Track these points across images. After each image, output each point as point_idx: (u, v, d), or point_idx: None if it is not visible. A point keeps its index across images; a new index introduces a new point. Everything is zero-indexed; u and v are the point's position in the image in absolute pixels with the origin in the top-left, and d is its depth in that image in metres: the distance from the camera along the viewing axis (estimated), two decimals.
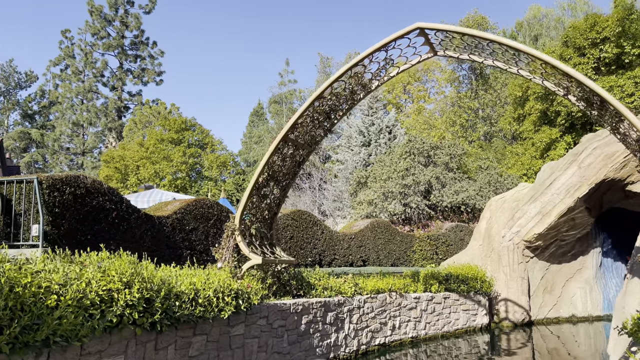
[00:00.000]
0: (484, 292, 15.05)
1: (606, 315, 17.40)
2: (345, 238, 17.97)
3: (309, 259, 16.41)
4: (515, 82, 31.24)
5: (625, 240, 18.25)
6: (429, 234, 21.13)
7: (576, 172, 15.49)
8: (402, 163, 24.17)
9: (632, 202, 15.61)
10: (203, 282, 6.80)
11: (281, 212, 16.53)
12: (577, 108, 23.02)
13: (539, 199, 16.19)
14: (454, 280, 14.41)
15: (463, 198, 23.19)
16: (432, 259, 20.79)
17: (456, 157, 25.53)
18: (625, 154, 14.57)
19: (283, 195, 10.01)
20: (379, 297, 11.86)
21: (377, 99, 44.29)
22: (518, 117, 31.11)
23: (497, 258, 16.56)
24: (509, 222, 16.74)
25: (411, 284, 13.13)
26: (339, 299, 10.55)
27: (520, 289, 15.98)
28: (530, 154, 25.95)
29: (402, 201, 23.41)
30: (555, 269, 17.31)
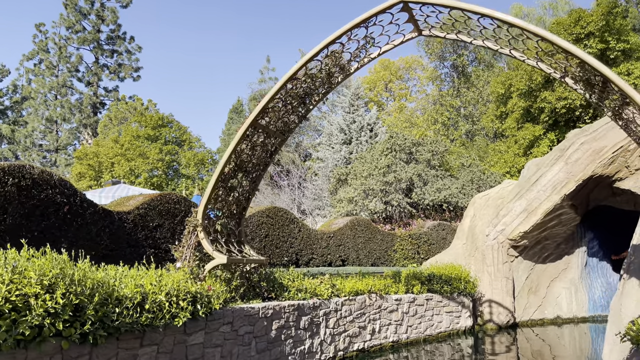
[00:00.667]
0: (467, 293, 14.37)
1: (591, 317, 16.92)
2: (323, 237, 17.14)
3: (285, 259, 15.54)
4: (498, 80, 30.82)
5: (610, 240, 17.81)
6: (411, 232, 20.44)
7: (563, 168, 14.92)
8: (384, 160, 23.45)
9: (620, 200, 15.12)
10: (154, 284, 5.89)
11: (256, 208, 15.62)
12: (561, 104, 22.61)
13: (524, 196, 15.59)
14: (437, 280, 13.69)
15: (445, 196, 22.57)
16: (414, 258, 20.10)
17: (438, 154, 24.92)
18: (614, 149, 14.05)
19: (253, 189, 9.12)
20: (358, 299, 11.05)
21: (358, 96, 43.66)
22: (500, 115, 30.70)
23: (481, 257, 15.92)
24: (494, 220, 16.11)
25: (392, 284, 12.36)
26: (315, 302, 9.70)
27: (504, 289, 15.36)
28: (513, 152, 25.51)
29: (383, 199, 22.68)
30: (540, 268, 16.75)
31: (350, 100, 43.12)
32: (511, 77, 28.51)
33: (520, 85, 24.50)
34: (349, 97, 43.13)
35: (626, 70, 20.98)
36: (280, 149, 9.12)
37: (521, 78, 24.36)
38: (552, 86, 23.18)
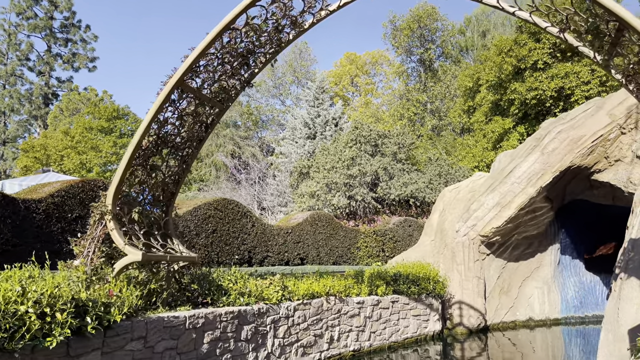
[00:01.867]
0: (436, 294, 13.07)
1: (564, 318, 15.96)
2: (280, 232, 15.55)
3: (235, 257, 13.87)
4: (466, 73, 29.95)
5: (583, 237, 16.92)
6: (375, 229, 19.09)
7: (539, 159, 13.82)
8: (348, 152, 22.05)
9: (597, 194, 14.14)
10: (16, 290, 4.17)
11: (202, 200, 13.89)
12: (531, 95, 21.72)
13: (497, 188, 14.43)
14: (404, 280, 12.33)
15: (412, 190, 21.36)
16: (379, 256, 18.76)
17: (405, 147, 23.73)
18: (594, 138, 13.03)
19: (184, 170, 7.45)
20: (314, 302, 9.52)
21: (323, 89, 42.25)
22: (468, 110, 29.84)
23: (450, 255, 14.67)
24: (464, 215, 14.89)
25: (354, 285, 10.89)
26: (260, 307, 8.11)
27: (476, 290, 14.14)
28: (482, 146, 24.60)
29: (347, 193, 21.29)
30: (512, 267, 15.65)
31: (315, 93, 41.64)
32: (479, 70, 27.67)
33: (489, 77, 23.58)
34: (314, 91, 41.66)
35: None
36: (219, 121, 7.48)
37: (490, 69, 23.49)
38: (522, 76, 22.33)
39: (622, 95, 13.22)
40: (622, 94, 13.31)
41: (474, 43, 45.57)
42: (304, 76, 48.27)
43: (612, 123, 12.97)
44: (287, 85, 49.73)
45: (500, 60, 22.38)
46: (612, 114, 13.05)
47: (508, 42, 22.29)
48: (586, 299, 16.48)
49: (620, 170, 13.02)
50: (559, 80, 20.49)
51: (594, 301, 16.61)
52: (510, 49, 22.02)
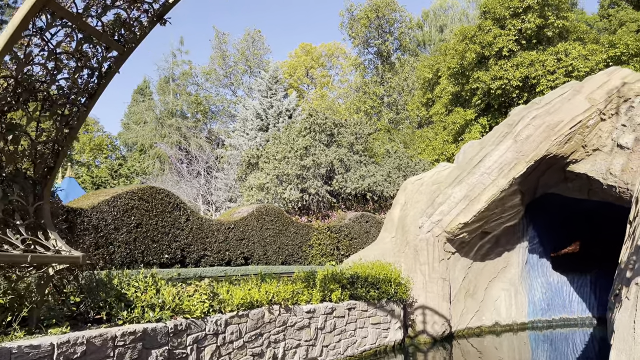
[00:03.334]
0: (398, 298, 11.44)
1: (531, 322, 14.78)
2: (221, 228, 13.51)
3: (165, 256, 11.74)
4: (425, 63, 28.76)
5: (552, 233, 15.82)
6: (330, 225, 17.35)
7: (511, 147, 12.45)
8: (301, 141, 20.18)
9: (571, 187, 12.94)
10: None
11: (123, 188, 11.65)
12: (496, 84, 20.58)
13: (465, 180, 12.97)
14: (362, 283, 10.61)
15: (369, 184, 19.77)
16: (333, 255, 17.03)
17: (362, 137, 22.15)
18: (572, 124, 11.76)
19: (67, 136, 5.34)
20: (253, 314, 7.62)
21: (277, 79, 40.19)
22: (427, 102, 28.64)
23: (413, 254, 13.11)
24: (429, 209, 13.37)
25: (304, 291, 9.05)
26: (178, 324, 6.13)
27: (441, 293, 12.63)
28: (442, 138, 23.37)
29: (299, 186, 19.43)
30: (478, 267, 14.29)
31: (268, 83, 39.52)
32: (439, 61, 26.51)
33: (451, 64, 22.32)
34: (267, 80, 39.54)
35: (564, 50, 19.43)
36: (119, 68, 5.42)
37: (452, 58, 22.25)
38: (486, 65, 21.23)
39: (602, 78, 12.06)
40: (602, 76, 12.15)
41: (432, 38, 44.81)
42: (257, 65, 46.01)
43: (591, 108, 11.74)
44: (239, 75, 47.31)
45: (463, 47, 21.18)
46: (591, 98, 11.83)
47: (471, 29, 21.13)
48: (553, 300, 15.38)
49: (599, 161, 11.83)
50: (524, 69, 19.48)
51: (561, 303, 15.54)
52: (474, 35, 20.87)
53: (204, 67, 46.26)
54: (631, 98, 11.36)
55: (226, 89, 48.04)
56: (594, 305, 15.75)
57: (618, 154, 11.46)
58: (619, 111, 11.58)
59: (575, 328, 15.31)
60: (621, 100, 11.54)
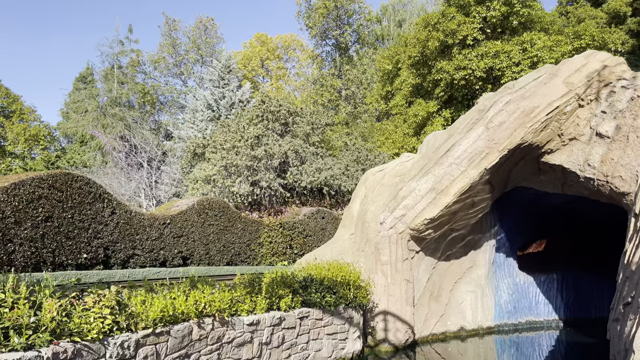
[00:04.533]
0: (358, 304, 10.02)
1: (497, 326, 13.77)
2: (154, 224, 11.68)
3: (84, 256, 9.84)
4: (385, 54, 27.60)
5: (519, 231, 14.88)
6: (282, 221, 15.76)
7: (483, 135, 11.28)
8: (252, 130, 18.46)
9: (545, 179, 11.92)
10: None
11: (30, 174, 9.65)
12: (460, 75, 19.61)
13: (432, 171, 11.72)
14: (317, 287, 9.12)
15: (326, 177, 18.32)
16: (285, 254, 15.46)
17: (319, 128, 20.67)
18: (549, 110, 10.69)
19: None
20: (177, 330, 5.96)
21: (230, 69, 38.14)
22: (386, 95, 27.50)
23: (374, 253, 11.75)
24: (391, 203, 12.04)
25: (245, 298, 7.45)
26: (59, 351, 4.41)
27: (404, 296, 11.32)
28: (402, 131, 22.24)
29: (250, 178, 17.72)
30: (442, 267, 13.12)
31: (220, 73, 37.41)
32: (400, 52, 25.41)
33: (412, 53, 21.22)
34: (219, 70, 37.42)
35: (530, 40, 18.67)
36: None
37: (413, 47, 21.16)
38: (449, 54, 20.22)
39: (581, 61, 11.06)
40: (580, 59, 11.16)
41: (390, 32, 43.96)
42: (210, 55, 43.69)
43: (569, 93, 10.71)
44: (189, 65, 44.79)
45: (425, 35, 20.07)
46: (569, 82, 10.80)
47: (435, 16, 20.06)
48: (520, 302, 14.43)
49: (576, 151, 10.82)
50: (489, 59, 18.61)
51: (527, 305, 14.62)
52: (438, 23, 19.80)
53: (152, 54, 43.50)
54: (612, 82, 10.40)
55: (176, 78, 45.47)
56: (560, 307, 14.95)
57: (597, 143, 10.48)
58: (599, 97, 10.60)
59: (542, 331, 14.44)
60: (601, 85, 10.57)
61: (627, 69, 10.67)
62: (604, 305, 15.40)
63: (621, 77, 10.37)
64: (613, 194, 10.22)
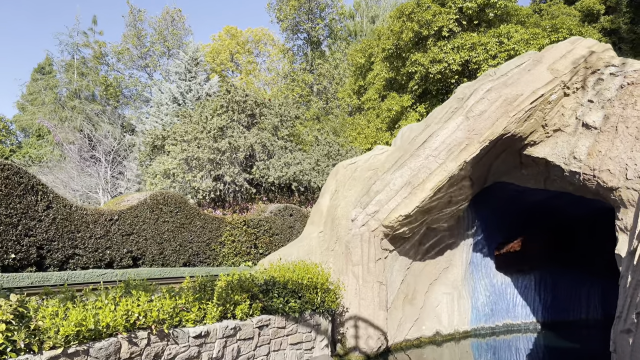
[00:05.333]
0: (326, 309, 9.01)
1: (474, 330, 13.00)
2: (99, 220, 10.40)
3: (12, 256, 8.52)
4: (358, 47, 26.73)
5: (497, 229, 14.16)
6: (247, 218, 14.63)
7: (462, 125, 10.44)
8: (216, 121, 17.24)
9: (527, 174, 11.18)
10: None
11: None
12: (435, 68, 18.87)
13: (407, 163, 10.83)
14: (280, 291, 8.08)
15: (295, 172, 17.26)
16: (250, 254, 14.35)
17: (289, 120, 19.58)
18: (533, 98, 9.92)
19: None
20: (100, 348, 4.82)
21: (197, 61, 36.68)
22: (359, 90, 26.63)
23: (344, 252, 10.78)
24: (364, 199, 11.10)
25: (193, 305, 6.35)
26: None
27: (376, 300, 10.39)
28: (375, 126, 21.39)
29: (212, 173, 16.51)
30: (417, 268, 12.25)
31: (187, 65, 35.94)
32: (373, 45, 24.59)
33: (386, 45, 20.37)
34: (186, 62, 35.95)
35: (506, 32, 18.08)
36: None
37: (387, 38, 20.30)
38: (424, 46, 19.46)
39: (567, 46, 10.34)
40: (565, 44, 10.44)
41: (363, 28, 43.20)
42: (177, 47, 42.01)
43: (554, 80, 9.97)
44: (155, 57, 43.00)
45: (399, 27, 19.23)
46: (554, 69, 10.06)
47: (410, 5, 19.25)
48: (497, 305, 13.71)
49: (561, 143, 10.09)
50: (465, 52, 17.92)
51: (505, 307, 13.91)
52: (412, 12, 19.01)
53: (115, 45, 41.51)
54: (600, 69, 9.70)
55: (141, 71, 43.60)
56: (538, 309, 14.31)
57: (583, 135, 9.76)
58: (585, 85, 9.89)
59: (519, 334, 13.77)
60: (588, 72, 9.86)
61: (615, 56, 10.00)
62: (582, 306, 14.87)
63: (609, 64, 9.69)
64: (600, 189, 9.52)
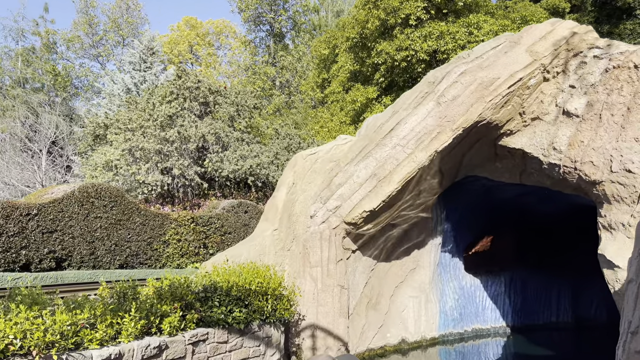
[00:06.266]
0: (278, 318, 7.78)
1: (442, 336, 12.05)
2: (12, 215, 8.82)
3: None
4: (322, 39, 25.63)
5: (467, 227, 13.27)
6: (195, 215, 13.21)
7: (434, 111, 9.42)
8: (165, 108, 15.72)
9: (501, 167, 10.27)
10: None
11: None
12: (401, 55, 17.92)
13: (372, 154, 9.73)
14: (222, 299, 6.79)
15: (252, 166, 15.94)
16: (199, 254, 12.95)
17: (246, 110, 18.20)
18: (511, 82, 8.99)
19: None
20: None
21: (153, 51, 34.72)
22: (322, 83, 25.51)
23: (302, 252, 9.58)
24: (324, 192, 9.94)
25: (103, 320, 4.99)
26: None
27: (337, 306, 9.23)
28: (339, 119, 20.31)
29: (160, 165, 14.99)
30: (382, 270, 11.18)
31: (141, 54, 33.95)
32: (337, 36, 23.55)
33: (351, 34, 19.33)
34: (140, 52, 33.95)
35: (476, 22, 17.35)
36: None
37: (352, 27, 19.27)
38: (391, 35, 18.50)
39: (547, 27, 9.46)
40: (546, 25, 9.56)
41: (328, 23, 42.14)
42: (132, 36, 39.81)
43: (534, 63, 9.06)
44: (109, 46, 40.64)
45: (365, 15, 18.24)
46: (533, 51, 9.16)
47: None
48: (466, 308, 12.82)
49: (539, 133, 9.21)
50: (433, 41, 17.07)
51: (474, 311, 13.04)
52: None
53: (64, 32, 38.90)
54: (583, 51, 8.85)
55: (93, 61, 41.13)
56: (508, 312, 13.51)
57: (564, 123, 8.90)
58: (566, 69, 9.03)
59: (489, 339, 12.93)
60: (570, 55, 9.00)
61: (599, 37, 9.20)
62: (552, 309, 14.19)
63: (593, 45, 8.86)
64: (581, 183, 8.68)
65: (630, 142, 8.16)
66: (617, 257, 8.07)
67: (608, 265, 8.23)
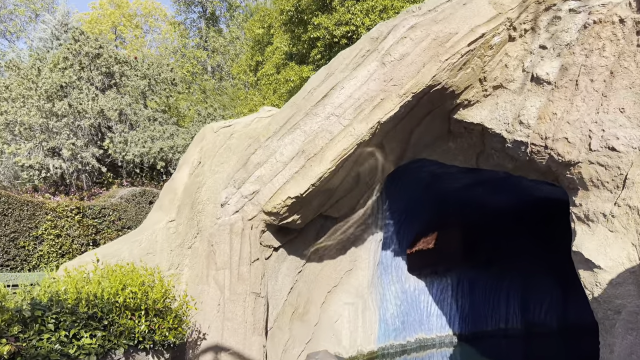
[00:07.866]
0: (159, 342, 5.53)
1: (381, 349, 10.26)
2: None
3: None
4: (256, 17, 23.40)
5: (411, 222, 11.54)
6: (83, 204, 10.63)
7: (377, 73, 7.53)
8: (55, 76, 12.91)
9: (455, 148, 8.54)
10: None
11: None
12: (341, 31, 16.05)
13: (301, 125, 7.72)
14: (61, 319, 4.47)
15: (163, 149, 13.44)
16: (86, 252, 10.34)
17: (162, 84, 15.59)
18: (472, 38, 7.24)
19: None
20: None
21: (67, 28, 30.95)
22: (256, 66, 23.28)
23: (206, 251, 7.38)
24: (239, 174, 7.81)
25: None
26: None
27: (250, 320, 7.10)
28: (271, 102, 18.19)
29: (46, 145, 12.20)
30: (312, 271, 9.19)
31: (54, 30, 30.14)
32: (273, 15, 21.45)
33: (286, 6, 17.28)
34: (52, 27, 30.14)
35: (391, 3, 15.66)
36: None
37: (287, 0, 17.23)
38: (330, 8, 16.64)
39: None
40: None
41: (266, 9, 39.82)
42: (45, 10, 35.61)
43: (498, 17, 7.37)
44: (19, 22, 36.22)
45: None
46: (498, 3, 7.47)
47: None
48: (409, 316, 11.09)
49: (502, 104, 7.54)
50: (376, 15, 15.41)
51: (418, 318, 11.34)
52: None
53: None
54: (557, 4, 7.24)
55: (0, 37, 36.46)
56: (454, 319, 11.95)
57: (533, 92, 7.27)
58: (536, 25, 7.40)
59: (434, 350, 11.29)
60: (541, 8, 7.37)
61: None
62: (501, 314, 12.81)
63: None
64: (552, 165, 7.08)
65: (613, 113, 6.62)
66: (597, 255, 6.50)
67: (585, 266, 6.65)
